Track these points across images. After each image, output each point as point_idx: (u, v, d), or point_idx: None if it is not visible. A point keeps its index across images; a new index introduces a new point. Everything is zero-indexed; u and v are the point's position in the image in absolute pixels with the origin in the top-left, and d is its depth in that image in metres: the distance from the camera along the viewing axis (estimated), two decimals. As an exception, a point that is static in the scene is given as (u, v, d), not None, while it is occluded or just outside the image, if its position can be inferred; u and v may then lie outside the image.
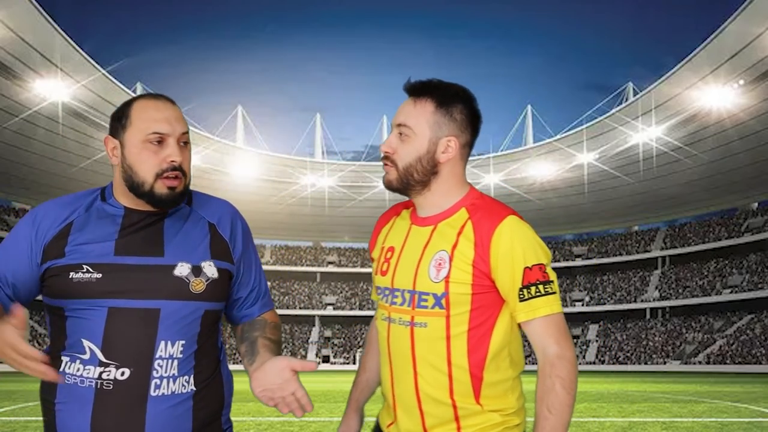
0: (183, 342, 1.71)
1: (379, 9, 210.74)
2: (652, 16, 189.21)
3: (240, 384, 2.37)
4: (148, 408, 1.66)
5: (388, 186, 1.87)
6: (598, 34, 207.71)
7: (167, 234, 1.77)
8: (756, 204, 66.40)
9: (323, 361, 69.91)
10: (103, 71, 42.56)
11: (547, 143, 57.72)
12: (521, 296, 1.74)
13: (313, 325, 77.83)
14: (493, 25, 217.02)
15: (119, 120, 1.77)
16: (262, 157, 61.15)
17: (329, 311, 78.23)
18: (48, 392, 1.73)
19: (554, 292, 1.76)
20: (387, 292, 1.88)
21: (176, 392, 1.70)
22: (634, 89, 53.20)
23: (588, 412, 13.49)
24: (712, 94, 43.78)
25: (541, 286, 1.75)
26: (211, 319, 1.78)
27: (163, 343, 1.68)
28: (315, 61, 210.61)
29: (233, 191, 61.40)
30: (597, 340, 70.02)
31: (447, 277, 1.76)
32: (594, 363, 65.81)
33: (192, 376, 1.73)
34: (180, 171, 1.75)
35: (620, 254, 75.52)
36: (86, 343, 1.67)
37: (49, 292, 1.73)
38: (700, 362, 58.37)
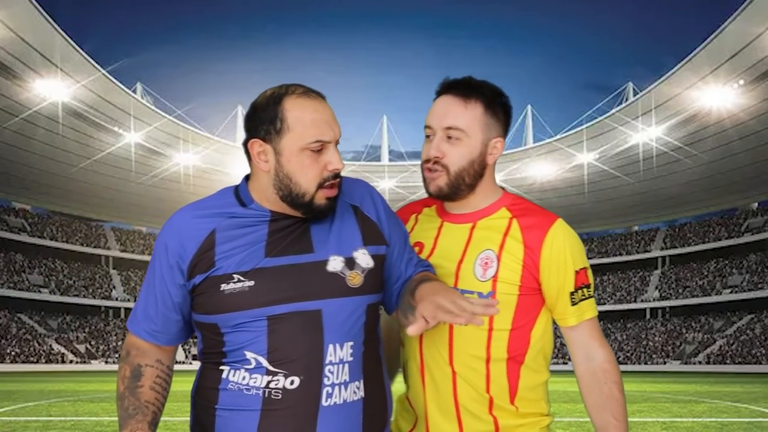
0: (351, 343, 1.57)
1: (379, 9, 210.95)
2: (652, 16, 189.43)
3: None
4: (319, 418, 1.53)
5: (437, 193, 1.77)
6: (598, 34, 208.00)
7: (314, 229, 1.61)
8: (756, 204, 66.39)
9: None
10: (103, 71, 42.59)
11: (547, 143, 57.72)
12: (573, 300, 1.74)
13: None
14: (493, 25, 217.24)
15: (272, 123, 1.56)
16: (262, 157, 61.01)
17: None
18: (206, 396, 1.61)
19: (593, 296, 1.78)
20: None
21: (348, 400, 1.56)
22: (634, 89, 53.19)
23: (588, 412, 13.49)
24: (712, 94, 43.77)
25: (586, 290, 1.77)
26: (375, 313, 1.64)
27: (331, 346, 1.54)
28: (315, 61, 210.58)
29: (233, 191, 61.28)
30: (597, 340, 70.01)
31: (495, 276, 1.71)
32: (594, 363, 65.76)
33: (362, 381, 1.59)
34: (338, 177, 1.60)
35: (620, 254, 75.52)
36: (250, 354, 1.54)
37: (200, 309, 1.59)
38: (700, 362, 58.35)
